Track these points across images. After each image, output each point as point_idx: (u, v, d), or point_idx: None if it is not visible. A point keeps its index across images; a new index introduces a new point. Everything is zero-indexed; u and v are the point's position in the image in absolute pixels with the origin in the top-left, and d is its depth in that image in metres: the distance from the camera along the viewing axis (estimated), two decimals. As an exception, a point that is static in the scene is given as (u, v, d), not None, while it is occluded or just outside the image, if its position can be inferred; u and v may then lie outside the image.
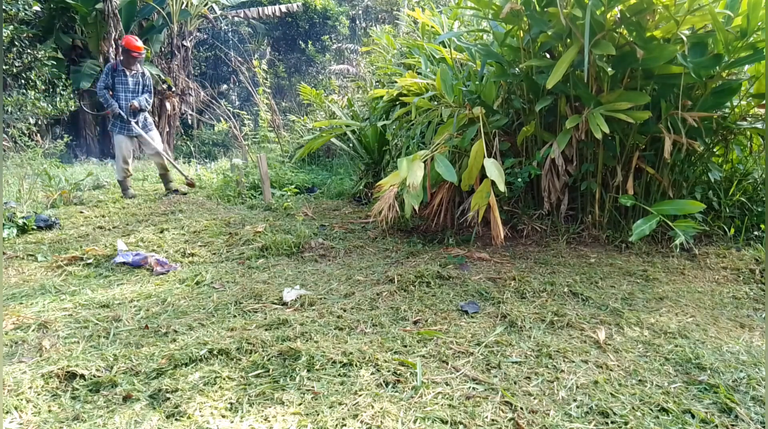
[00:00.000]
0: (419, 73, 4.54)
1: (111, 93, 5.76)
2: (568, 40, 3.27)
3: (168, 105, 12.07)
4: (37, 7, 8.57)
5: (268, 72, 10.28)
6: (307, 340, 2.20)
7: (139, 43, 5.84)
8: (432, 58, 4.64)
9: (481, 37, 4.39)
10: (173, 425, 1.63)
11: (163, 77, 11.54)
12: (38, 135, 6.85)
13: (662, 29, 3.14)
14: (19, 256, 3.63)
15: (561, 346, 2.14)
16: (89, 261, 3.48)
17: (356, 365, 1.96)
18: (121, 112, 5.74)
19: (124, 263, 3.44)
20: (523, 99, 3.77)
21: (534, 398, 1.77)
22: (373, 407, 1.68)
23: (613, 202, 3.58)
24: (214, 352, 2.06)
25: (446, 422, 1.61)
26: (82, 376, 1.91)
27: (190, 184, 6.42)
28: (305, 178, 7.05)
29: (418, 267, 3.03)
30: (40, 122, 8.55)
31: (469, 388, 1.83)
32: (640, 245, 3.47)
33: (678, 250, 3.37)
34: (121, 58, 5.81)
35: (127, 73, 5.80)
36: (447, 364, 2.01)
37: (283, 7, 13.77)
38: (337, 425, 1.60)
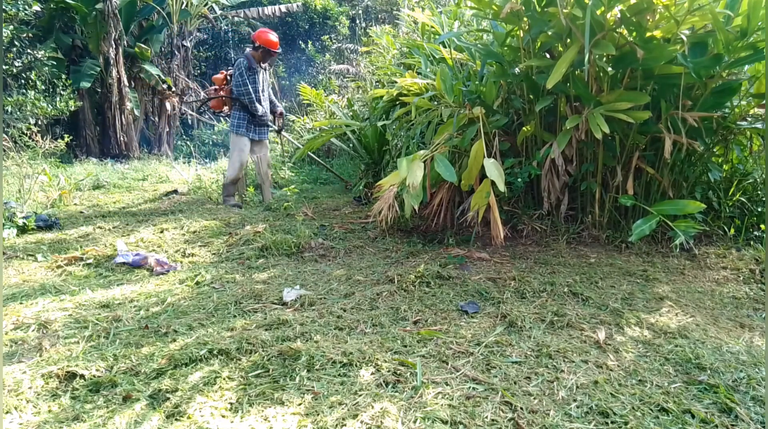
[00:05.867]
0: (419, 73, 4.54)
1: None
2: (568, 40, 3.27)
3: (168, 105, 12.07)
4: (37, 7, 8.56)
5: (269, 72, 10.27)
6: (307, 340, 2.20)
7: (275, 37, 5.34)
8: (432, 58, 4.64)
9: (481, 37, 4.39)
10: (173, 425, 1.63)
11: (163, 77, 11.54)
12: (38, 135, 6.83)
13: (662, 29, 3.14)
14: (19, 256, 3.63)
15: (561, 346, 2.14)
16: (89, 261, 3.48)
17: (356, 365, 1.96)
18: (269, 122, 5.44)
19: (124, 263, 3.44)
20: (523, 99, 3.77)
21: (534, 398, 1.77)
22: (373, 407, 1.68)
23: (613, 202, 3.58)
24: (214, 352, 2.06)
25: (446, 422, 1.61)
26: (82, 376, 1.90)
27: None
28: (305, 178, 7.06)
29: (418, 267, 3.03)
30: (40, 122, 8.54)
31: (469, 388, 1.83)
32: (640, 245, 3.47)
33: (678, 250, 3.37)
34: (253, 54, 5.30)
35: (258, 70, 5.38)
36: (447, 364, 2.01)
37: (283, 7, 13.76)
38: (337, 425, 1.60)
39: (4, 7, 7.63)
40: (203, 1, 12.14)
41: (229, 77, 5.51)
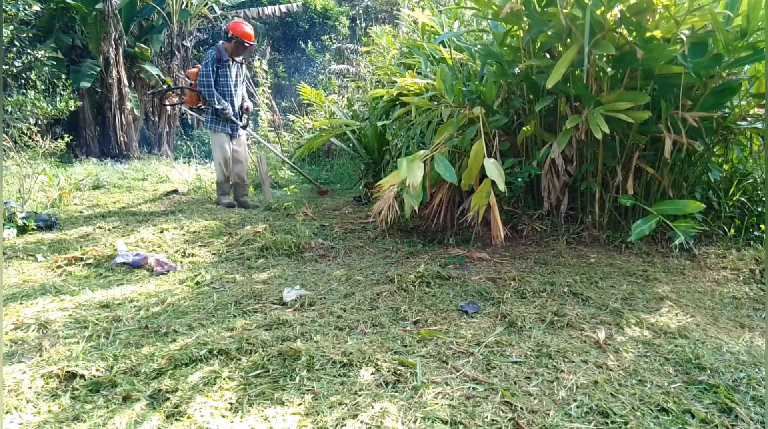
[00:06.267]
0: (419, 73, 4.54)
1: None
2: (568, 40, 3.27)
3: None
4: (37, 7, 8.57)
5: (269, 72, 10.29)
6: (307, 340, 2.20)
7: (250, 29, 5.14)
8: (432, 58, 4.64)
9: (481, 37, 4.39)
10: (173, 425, 1.63)
11: (163, 77, 11.54)
12: (38, 135, 6.84)
13: (662, 29, 3.14)
14: (19, 256, 3.63)
15: (561, 346, 2.14)
16: (89, 261, 3.48)
17: (356, 365, 1.96)
18: (232, 117, 5.20)
19: (124, 263, 3.44)
20: (523, 99, 3.77)
21: (534, 398, 1.77)
22: (373, 407, 1.68)
23: (613, 202, 3.58)
24: (214, 352, 2.06)
25: (446, 422, 1.61)
26: (82, 376, 1.91)
27: (323, 193, 6.13)
28: (305, 178, 7.05)
29: (418, 267, 3.03)
30: (40, 122, 8.54)
31: (469, 388, 1.83)
32: (640, 245, 3.47)
33: (678, 250, 3.37)
34: (226, 46, 5.11)
35: (231, 63, 5.15)
36: (447, 364, 2.01)
37: (283, 7, 13.77)
38: (337, 425, 1.60)
39: (4, 7, 7.63)
40: (203, 1, 12.15)
41: None
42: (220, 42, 5.23)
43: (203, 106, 5.37)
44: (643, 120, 3.17)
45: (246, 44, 5.12)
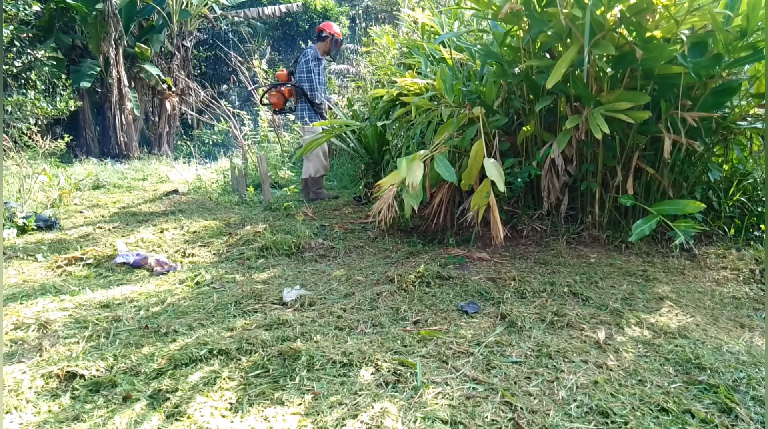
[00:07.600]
0: (419, 73, 4.54)
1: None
2: (568, 40, 3.27)
3: (168, 105, 12.08)
4: (37, 7, 8.57)
5: (269, 72, 10.29)
6: (307, 340, 2.20)
7: (339, 27, 5.69)
8: (432, 58, 4.63)
9: (481, 37, 4.39)
10: (173, 425, 1.63)
11: (163, 77, 11.54)
12: (38, 135, 6.84)
13: (662, 29, 3.14)
14: (19, 256, 3.63)
15: (561, 346, 2.14)
16: (89, 261, 3.48)
17: (356, 365, 1.96)
18: (324, 111, 5.60)
19: (124, 263, 3.44)
20: (523, 99, 3.77)
21: (534, 398, 1.77)
22: (373, 407, 1.68)
23: (613, 202, 3.58)
24: (214, 352, 2.06)
25: (446, 422, 1.61)
26: (82, 376, 1.91)
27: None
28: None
29: (418, 267, 3.03)
30: (40, 122, 8.55)
31: (469, 388, 1.83)
32: (640, 245, 3.47)
33: (678, 250, 3.37)
34: (319, 45, 5.55)
35: (322, 61, 5.61)
36: (447, 364, 2.01)
37: (283, 7, 13.78)
38: (337, 425, 1.60)
39: (4, 7, 7.63)
40: (203, 1, 12.15)
41: (291, 75, 5.65)
42: (311, 44, 5.71)
43: (294, 104, 5.69)
44: (643, 120, 3.17)
45: (339, 41, 5.63)
